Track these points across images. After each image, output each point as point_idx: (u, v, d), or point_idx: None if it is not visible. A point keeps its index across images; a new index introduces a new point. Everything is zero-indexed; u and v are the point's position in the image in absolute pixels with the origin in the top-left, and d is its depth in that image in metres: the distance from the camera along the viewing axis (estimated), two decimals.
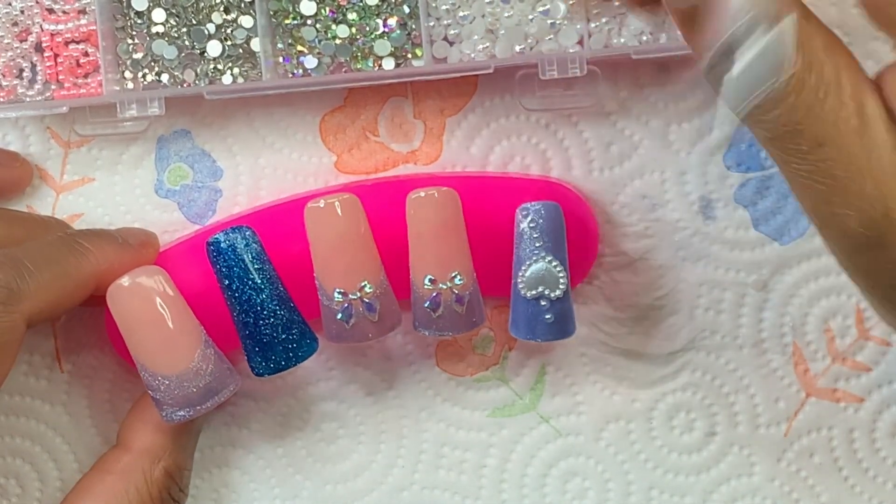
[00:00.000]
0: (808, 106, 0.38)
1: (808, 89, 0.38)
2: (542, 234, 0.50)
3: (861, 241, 0.39)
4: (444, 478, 0.57)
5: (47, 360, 0.56)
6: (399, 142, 0.55)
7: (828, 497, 0.56)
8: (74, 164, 0.55)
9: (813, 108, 0.38)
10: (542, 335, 0.51)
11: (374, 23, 0.52)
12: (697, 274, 0.55)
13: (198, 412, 0.50)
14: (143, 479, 0.51)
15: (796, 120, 0.38)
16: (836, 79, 0.38)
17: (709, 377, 0.56)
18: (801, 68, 0.38)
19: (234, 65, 0.52)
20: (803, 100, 0.38)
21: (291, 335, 0.50)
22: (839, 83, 0.38)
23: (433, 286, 0.50)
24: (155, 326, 0.49)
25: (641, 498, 0.56)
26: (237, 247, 0.49)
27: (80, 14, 0.52)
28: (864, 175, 0.38)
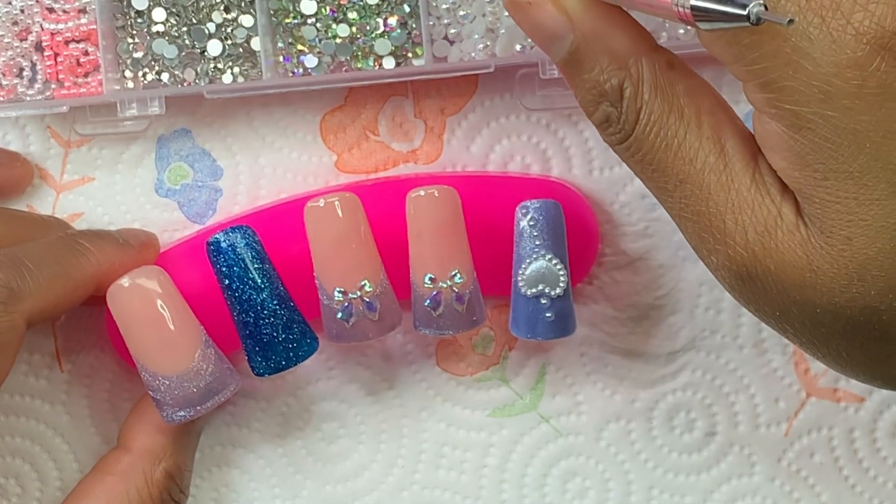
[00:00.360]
0: (667, 146, 0.40)
1: (667, 130, 0.40)
2: (541, 233, 0.50)
3: (732, 274, 0.40)
4: (444, 477, 0.57)
5: (47, 360, 0.56)
6: (399, 141, 0.55)
7: (828, 497, 0.56)
8: (75, 163, 0.55)
9: (671, 146, 0.40)
10: (543, 333, 0.51)
11: (374, 22, 0.52)
12: (697, 274, 0.55)
13: (198, 412, 0.49)
14: (143, 480, 0.51)
15: (658, 159, 0.40)
16: (696, 120, 0.40)
17: (709, 377, 0.56)
18: (658, 111, 0.40)
19: (235, 64, 0.52)
20: (662, 139, 0.40)
21: (292, 335, 0.50)
22: (699, 124, 0.40)
23: (433, 285, 0.50)
24: (155, 327, 0.49)
25: (642, 498, 0.56)
26: (237, 246, 0.49)
27: (81, 13, 0.52)
28: (724, 211, 0.40)
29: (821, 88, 0.36)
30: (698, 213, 0.40)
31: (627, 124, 0.41)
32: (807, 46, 0.36)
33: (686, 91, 0.40)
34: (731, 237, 0.40)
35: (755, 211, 0.39)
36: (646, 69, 0.40)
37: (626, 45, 0.40)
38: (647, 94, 0.40)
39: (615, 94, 0.40)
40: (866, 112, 0.36)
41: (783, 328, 0.41)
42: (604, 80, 0.40)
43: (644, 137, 0.40)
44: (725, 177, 0.39)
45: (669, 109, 0.40)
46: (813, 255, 0.38)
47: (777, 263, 0.39)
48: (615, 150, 0.42)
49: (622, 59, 0.40)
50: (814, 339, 0.40)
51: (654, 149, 0.40)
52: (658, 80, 0.40)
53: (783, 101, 0.37)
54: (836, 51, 0.35)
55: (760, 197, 0.39)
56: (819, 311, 0.39)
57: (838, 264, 0.38)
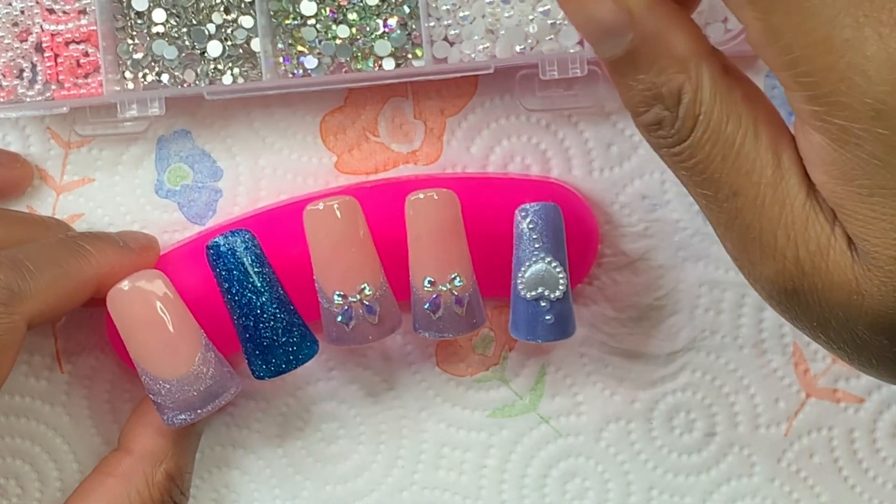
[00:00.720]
0: (724, 155, 0.39)
1: (724, 139, 0.38)
2: (541, 235, 0.50)
3: (776, 288, 0.40)
4: (444, 478, 0.57)
5: (47, 361, 0.56)
6: (399, 142, 0.55)
7: (828, 497, 0.56)
8: (74, 164, 0.55)
9: (728, 157, 0.39)
10: (543, 336, 0.51)
11: (374, 23, 0.52)
12: (697, 274, 0.55)
13: (199, 416, 0.50)
14: (144, 481, 0.51)
15: (713, 168, 0.39)
16: (753, 130, 0.39)
17: (709, 377, 0.56)
18: (717, 119, 0.38)
19: (235, 65, 0.52)
20: (719, 149, 0.38)
21: (291, 338, 0.50)
22: (756, 134, 0.39)
23: (433, 288, 0.50)
24: (155, 330, 0.49)
25: (641, 498, 0.56)
26: (237, 250, 0.49)
27: (81, 14, 0.52)
28: (776, 225, 0.39)
29: (874, 106, 0.35)
30: (748, 225, 0.39)
31: (683, 130, 0.39)
32: (862, 63, 0.35)
33: (743, 98, 0.39)
34: (782, 252, 0.39)
35: (808, 229, 0.38)
36: (706, 73, 0.39)
37: (687, 47, 0.38)
38: (707, 100, 0.38)
39: (672, 98, 0.39)
40: None
41: (817, 336, 0.41)
42: (661, 81, 0.39)
43: (699, 145, 0.39)
44: (781, 192, 0.38)
45: (728, 117, 0.39)
46: (861, 278, 0.37)
47: (825, 283, 0.38)
48: (661, 154, 0.41)
49: (682, 62, 0.38)
50: (848, 349, 0.40)
51: (708, 158, 0.39)
52: (718, 85, 0.39)
53: (832, 116, 0.36)
54: (892, 69, 0.35)
55: (815, 215, 0.38)
56: (860, 328, 0.38)
57: (886, 287, 0.37)
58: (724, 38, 0.50)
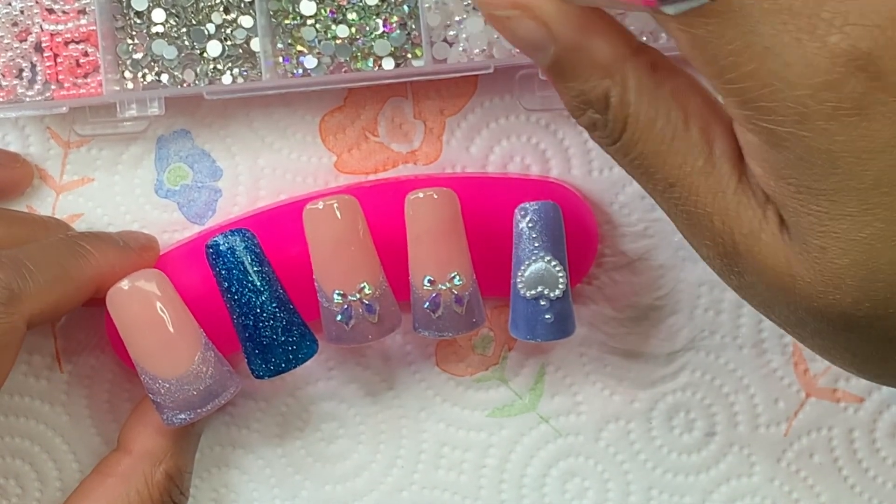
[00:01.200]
0: (656, 151, 0.40)
1: (654, 135, 0.40)
2: (540, 234, 0.50)
3: (723, 269, 0.41)
4: (443, 478, 0.57)
5: (47, 361, 0.56)
6: (399, 142, 0.55)
7: (828, 497, 0.57)
8: (74, 164, 0.55)
9: (660, 152, 0.40)
10: (542, 335, 0.51)
11: (373, 23, 0.52)
12: (697, 274, 0.55)
13: (198, 415, 0.50)
14: (143, 481, 0.51)
15: (648, 163, 0.40)
16: (683, 123, 0.40)
17: (709, 377, 0.56)
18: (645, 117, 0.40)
19: (234, 65, 0.52)
20: (651, 145, 0.40)
21: (291, 337, 0.50)
22: (687, 127, 0.40)
23: (432, 287, 0.50)
24: (154, 330, 0.49)
25: (641, 498, 0.57)
26: (236, 249, 0.49)
27: (80, 14, 0.52)
28: (711, 212, 0.40)
29: (796, 110, 0.36)
30: (688, 213, 0.40)
31: (615, 131, 0.40)
32: (782, 69, 0.36)
33: (673, 92, 0.40)
34: (720, 236, 0.40)
35: (741, 214, 0.39)
36: (630, 74, 0.40)
37: (609, 52, 0.40)
38: (633, 101, 0.40)
39: (601, 102, 0.40)
40: (840, 133, 0.36)
41: (771, 318, 0.42)
42: (588, 88, 0.40)
43: (632, 144, 0.40)
44: (713, 180, 0.40)
45: (656, 114, 0.40)
46: (792, 261, 0.39)
47: (760, 265, 0.39)
48: (605, 151, 0.42)
49: (606, 67, 0.40)
50: (801, 334, 0.41)
51: (642, 154, 0.40)
52: (643, 85, 0.40)
53: (760, 120, 0.37)
54: (812, 73, 0.36)
55: (746, 200, 0.39)
56: (801, 312, 0.39)
57: (815, 271, 0.38)
58: None
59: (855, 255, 0.37)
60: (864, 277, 0.38)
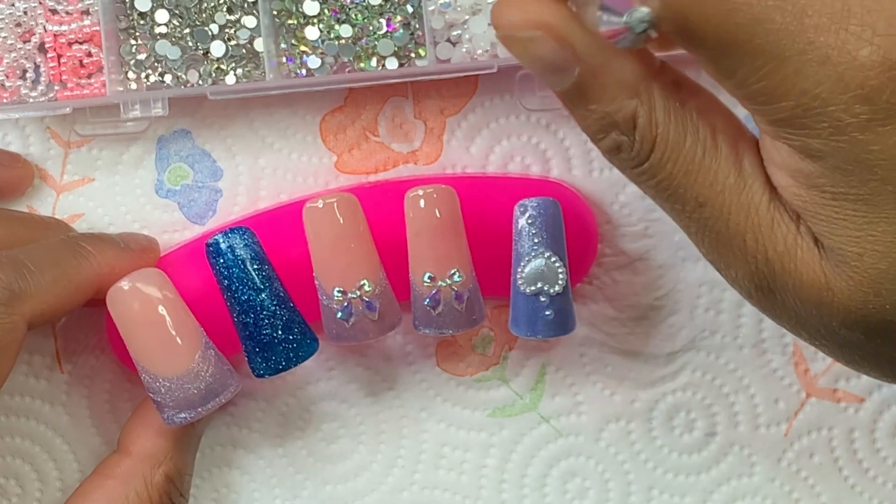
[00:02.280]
0: (686, 171, 0.39)
1: (683, 155, 0.39)
2: (540, 231, 0.51)
3: (753, 288, 0.41)
4: (444, 478, 0.57)
5: (47, 361, 0.56)
6: (399, 142, 0.55)
7: (828, 497, 0.57)
8: (75, 164, 0.55)
9: (690, 171, 0.39)
10: (543, 331, 0.51)
11: (377, 23, 0.52)
12: (697, 274, 0.56)
13: (199, 414, 0.50)
14: (143, 483, 0.52)
15: (677, 184, 0.40)
16: (712, 140, 0.39)
17: (709, 377, 0.56)
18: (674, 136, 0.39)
19: (238, 65, 0.53)
20: (681, 165, 0.39)
21: (291, 335, 0.50)
22: (716, 144, 0.39)
23: (432, 283, 0.50)
24: (155, 329, 0.49)
25: (641, 498, 0.57)
26: (236, 248, 0.50)
27: (84, 15, 0.52)
28: (744, 230, 0.40)
29: (831, 123, 0.36)
30: (718, 232, 0.40)
31: (643, 152, 0.40)
32: (814, 88, 0.36)
33: (698, 110, 0.40)
34: (753, 255, 0.40)
35: (775, 230, 0.39)
36: (657, 94, 0.39)
37: (635, 72, 0.39)
38: (661, 121, 0.39)
39: (627, 123, 0.39)
40: (876, 142, 0.36)
41: (799, 333, 0.41)
42: (614, 110, 0.39)
43: (660, 165, 0.39)
44: (745, 197, 0.39)
45: (685, 133, 0.39)
46: (829, 275, 0.38)
47: (795, 281, 0.39)
48: (626, 175, 0.41)
49: (632, 87, 0.39)
50: (829, 345, 0.41)
51: (671, 175, 0.40)
52: (670, 104, 0.39)
53: (793, 135, 0.37)
54: (844, 88, 0.36)
55: (780, 216, 0.39)
56: (835, 325, 0.39)
57: (853, 282, 0.38)
58: None
59: (893, 258, 0.37)
60: None
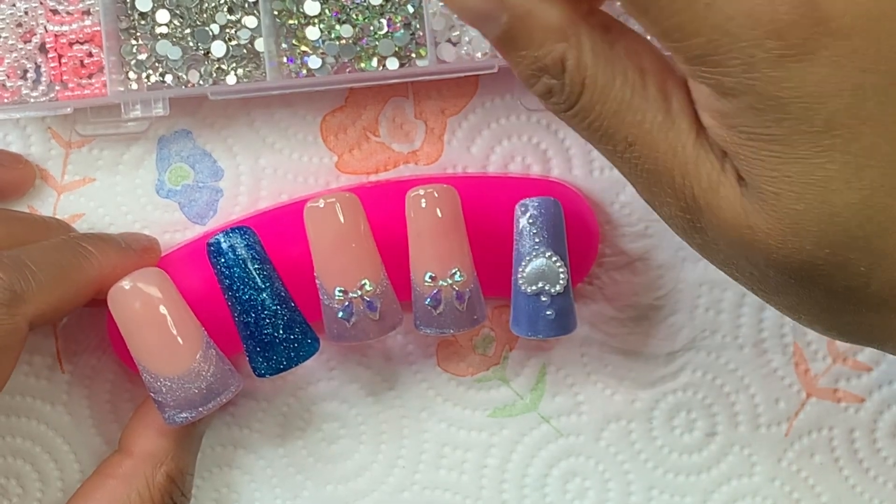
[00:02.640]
0: (615, 111, 0.40)
1: (612, 95, 0.40)
2: (541, 230, 0.51)
3: (685, 226, 0.41)
4: (444, 478, 0.57)
5: (48, 361, 0.56)
6: (400, 142, 0.56)
7: (828, 497, 0.57)
8: (75, 164, 0.56)
9: (619, 112, 0.40)
10: (544, 331, 0.51)
11: (377, 23, 0.53)
12: (697, 274, 0.56)
13: (200, 414, 0.50)
14: (145, 483, 0.52)
15: (607, 125, 0.41)
16: (640, 81, 0.40)
17: (709, 377, 0.57)
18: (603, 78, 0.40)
19: (238, 65, 0.53)
20: (610, 106, 0.40)
21: (292, 335, 0.50)
22: (644, 85, 0.40)
23: (433, 283, 0.51)
24: (156, 328, 0.50)
25: (642, 498, 0.57)
26: (237, 247, 0.50)
27: (85, 15, 0.53)
28: (672, 167, 0.40)
29: (743, 60, 0.37)
30: (648, 171, 0.41)
31: (573, 95, 0.40)
32: (725, 22, 0.37)
33: (627, 52, 0.40)
34: (681, 191, 0.40)
35: (700, 167, 0.40)
36: (585, 37, 0.40)
37: (561, 16, 0.40)
38: (590, 63, 0.40)
39: (556, 67, 0.40)
40: (788, 80, 0.37)
41: (736, 277, 0.42)
42: (543, 54, 0.40)
43: (591, 106, 0.40)
44: (672, 135, 0.40)
45: (613, 74, 0.40)
46: (749, 212, 0.39)
47: (719, 219, 0.40)
48: (560, 118, 0.42)
49: (560, 31, 0.40)
50: (765, 290, 0.41)
51: (601, 115, 0.40)
52: (598, 46, 0.40)
53: (708, 73, 0.38)
54: (755, 23, 0.36)
55: (705, 153, 0.40)
56: (762, 266, 0.40)
57: (772, 220, 0.39)
58: None
59: (810, 198, 0.38)
60: (820, 220, 0.38)
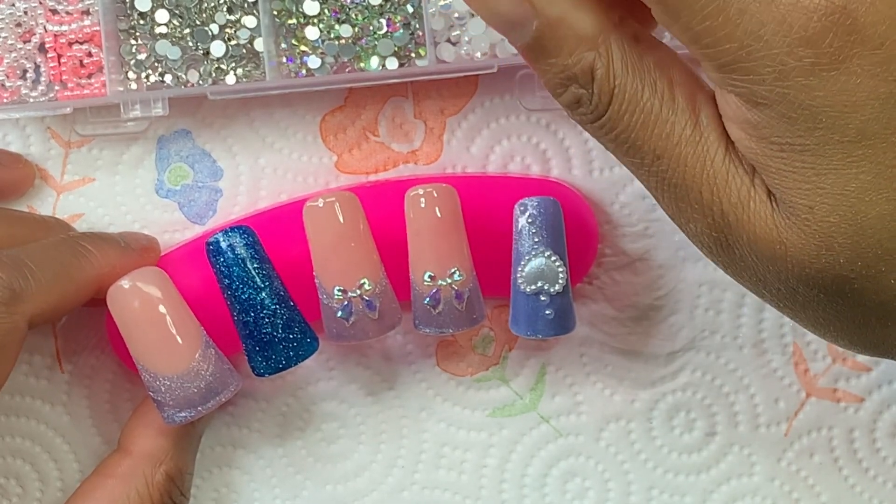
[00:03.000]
0: (643, 122, 0.40)
1: (640, 107, 0.40)
2: (540, 230, 0.51)
3: (712, 243, 0.41)
4: (444, 478, 0.58)
5: (48, 361, 0.56)
6: (399, 142, 0.56)
7: (828, 497, 0.57)
8: (75, 164, 0.56)
9: (647, 123, 0.40)
10: (543, 331, 0.51)
11: (377, 23, 0.53)
12: (697, 274, 0.56)
13: (199, 413, 0.50)
14: (144, 482, 0.52)
15: (634, 136, 0.40)
16: (669, 93, 0.40)
17: (709, 377, 0.57)
18: (632, 89, 0.40)
19: (238, 65, 0.53)
20: (638, 117, 0.40)
21: (291, 334, 0.50)
22: (672, 97, 0.40)
23: (432, 282, 0.51)
24: (155, 327, 0.50)
25: (641, 498, 0.57)
26: (236, 247, 0.50)
27: (84, 15, 0.53)
28: (700, 182, 0.40)
29: (775, 68, 0.37)
30: (675, 185, 0.41)
31: (601, 105, 0.40)
32: (758, 29, 0.37)
33: (656, 64, 0.40)
34: (708, 207, 0.40)
35: (729, 182, 0.40)
36: (615, 47, 0.40)
37: (593, 25, 0.40)
38: (619, 73, 0.40)
39: (586, 76, 0.40)
40: (820, 88, 0.37)
41: (762, 294, 0.42)
42: (572, 63, 0.40)
43: (618, 117, 0.40)
44: (701, 148, 0.40)
45: (642, 85, 0.40)
46: (781, 228, 0.39)
47: (749, 235, 0.40)
48: (586, 129, 0.42)
49: (590, 40, 0.40)
50: (791, 306, 0.41)
51: (628, 127, 0.40)
52: (628, 57, 0.40)
53: (739, 81, 0.38)
54: (788, 30, 0.36)
55: (734, 168, 0.40)
56: (793, 281, 0.40)
57: (805, 234, 0.38)
58: None
59: (843, 210, 0.38)
60: (854, 234, 0.38)
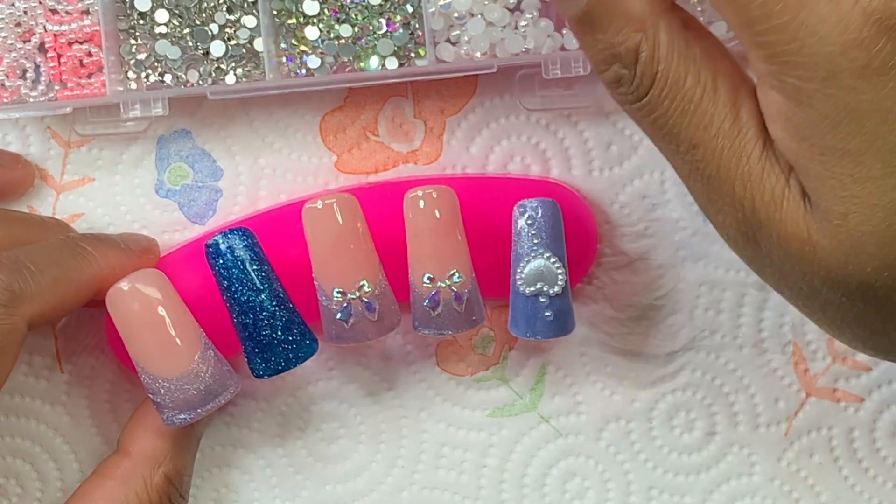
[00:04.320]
0: (683, 110, 0.40)
1: (682, 94, 0.40)
2: (539, 231, 0.51)
3: (738, 237, 0.41)
4: (443, 478, 0.58)
5: (47, 361, 0.56)
6: (399, 141, 0.56)
7: (828, 497, 0.58)
8: (75, 163, 0.56)
9: (687, 111, 0.40)
10: (542, 332, 0.51)
11: (377, 22, 0.53)
12: (697, 274, 0.56)
13: (198, 415, 0.50)
14: (143, 484, 0.52)
15: (672, 123, 0.41)
16: (712, 84, 0.40)
17: (709, 377, 0.57)
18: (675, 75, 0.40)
19: (238, 65, 0.53)
20: (678, 104, 0.40)
21: (291, 336, 0.51)
22: (715, 88, 0.40)
23: (432, 284, 0.51)
24: (154, 329, 0.50)
25: (641, 498, 0.58)
26: (235, 248, 0.50)
27: (84, 15, 0.53)
28: (734, 176, 0.40)
29: (825, 66, 0.37)
30: (708, 176, 0.41)
31: (641, 88, 0.40)
32: (815, 24, 0.36)
33: (703, 53, 0.40)
34: (740, 202, 0.40)
35: (764, 180, 0.40)
36: (663, 31, 0.40)
37: (643, 6, 0.40)
38: (664, 58, 0.40)
39: (630, 56, 0.40)
40: (868, 92, 0.37)
41: (782, 290, 0.42)
42: (619, 41, 0.40)
43: (658, 101, 0.40)
44: (738, 143, 0.40)
45: (686, 73, 0.40)
46: (813, 230, 0.39)
47: (779, 232, 0.40)
48: (624, 109, 0.42)
49: (640, 21, 0.40)
50: (810, 305, 0.41)
51: (667, 113, 0.40)
52: (675, 43, 0.40)
53: (787, 75, 0.38)
54: (844, 30, 0.36)
55: (770, 166, 0.40)
56: (817, 283, 0.40)
57: (836, 240, 0.39)
58: (727, 37, 0.50)
59: (877, 221, 0.38)
60: (885, 245, 0.38)
